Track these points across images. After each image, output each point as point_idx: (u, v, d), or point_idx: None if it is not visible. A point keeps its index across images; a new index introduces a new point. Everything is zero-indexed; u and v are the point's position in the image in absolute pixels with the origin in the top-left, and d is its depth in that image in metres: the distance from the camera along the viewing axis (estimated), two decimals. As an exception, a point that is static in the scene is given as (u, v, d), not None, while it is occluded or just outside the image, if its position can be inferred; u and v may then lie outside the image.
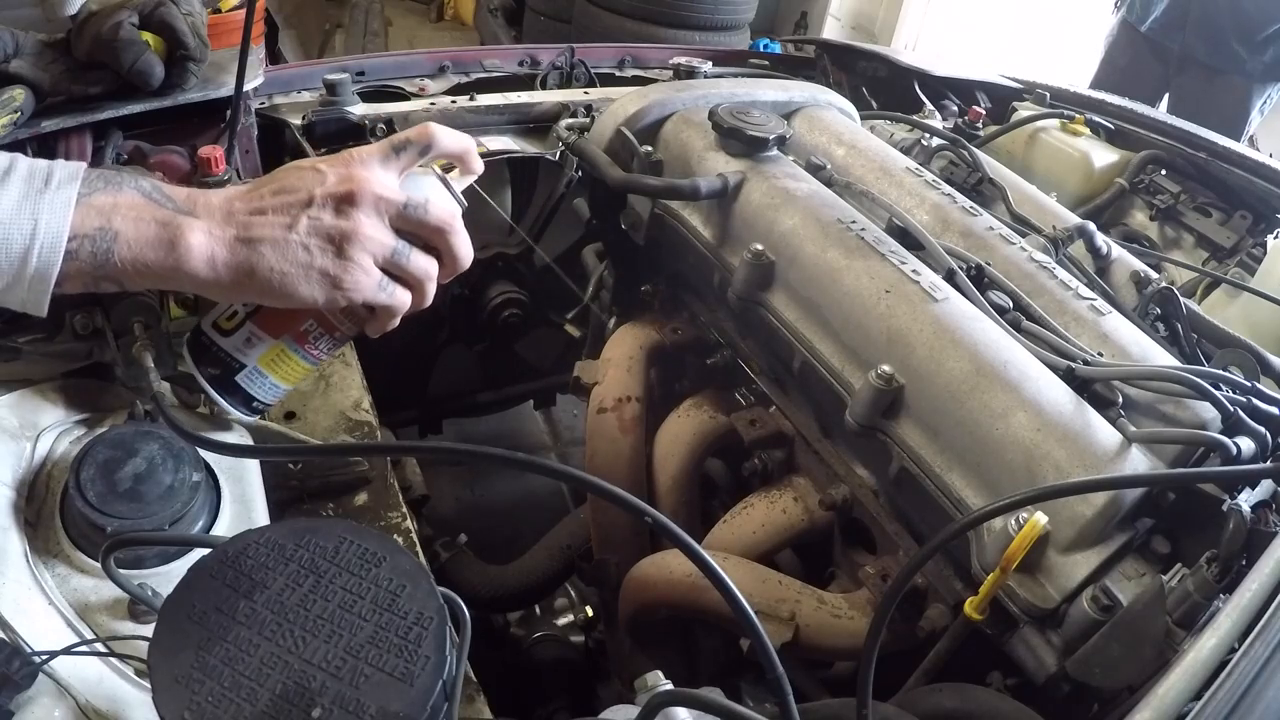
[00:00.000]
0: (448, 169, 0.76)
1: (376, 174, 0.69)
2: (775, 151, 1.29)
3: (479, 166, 0.77)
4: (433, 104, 1.70)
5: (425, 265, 0.72)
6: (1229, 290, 1.49)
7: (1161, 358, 1.06)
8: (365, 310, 0.74)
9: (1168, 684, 0.68)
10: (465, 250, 0.74)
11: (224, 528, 0.80)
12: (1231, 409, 0.90)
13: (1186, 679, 0.68)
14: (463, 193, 0.76)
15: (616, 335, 1.45)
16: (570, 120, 1.61)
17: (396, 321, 0.74)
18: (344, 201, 0.68)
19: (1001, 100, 2.00)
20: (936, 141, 1.63)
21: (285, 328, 0.73)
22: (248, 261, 0.66)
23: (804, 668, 1.19)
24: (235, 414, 0.75)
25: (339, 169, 0.69)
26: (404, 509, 1.01)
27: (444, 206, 0.72)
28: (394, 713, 0.54)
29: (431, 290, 0.74)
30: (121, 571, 0.69)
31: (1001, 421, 0.93)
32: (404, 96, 1.75)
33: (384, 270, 0.70)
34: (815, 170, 1.31)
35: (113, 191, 0.64)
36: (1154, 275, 1.27)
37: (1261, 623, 0.71)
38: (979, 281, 1.12)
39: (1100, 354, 1.03)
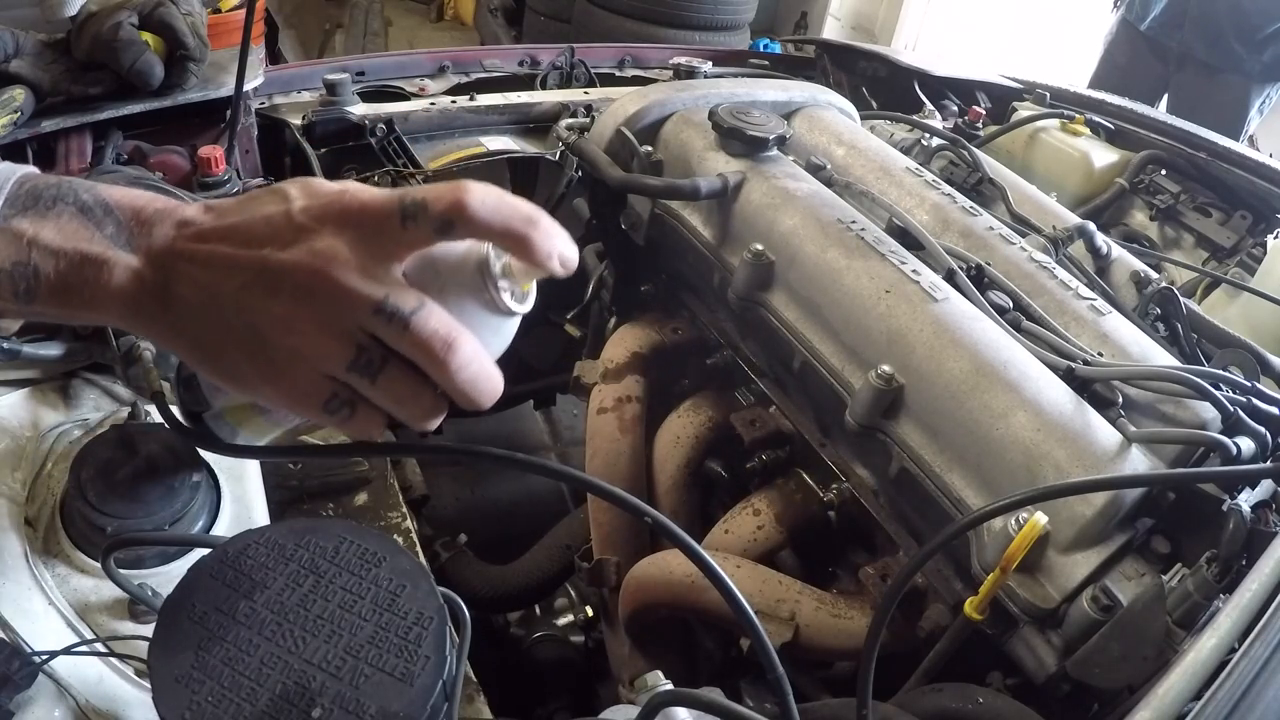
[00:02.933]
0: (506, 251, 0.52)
1: (356, 252, 0.48)
2: (775, 151, 1.29)
3: (553, 265, 0.51)
4: (433, 104, 1.70)
5: (398, 390, 0.50)
6: (1229, 290, 1.50)
7: (1161, 358, 1.06)
8: None
9: (1168, 684, 0.68)
10: (472, 388, 0.50)
11: (224, 528, 0.80)
12: (1231, 409, 0.90)
13: (1186, 679, 0.68)
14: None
15: (616, 335, 1.45)
16: (570, 120, 1.61)
17: (381, 432, 0.54)
18: (291, 283, 0.48)
19: (1001, 100, 2.00)
20: (936, 141, 1.63)
21: None
22: (166, 321, 0.51)
23: (804, 668, 1.19)
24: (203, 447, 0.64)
25: (312, 225, 0.49)
26: (404, 509, 1.01)
27: (439, 322, 0.48)
28: (394, 713, 0.54)
29: (423, 414, 0.52)
30: (121, 571, 0.69)
31: (1001, 421, 0.93)
32: (404, 96, 1.75)
33: (342, 381, 0.50)
34: (815, 170, 1.31)
35: (39, 214, 0.51)
36: (1154, 275, 1.27)
37: (1261, 623, 0.71)
38: (979, 281, 1.12)
39: (1100, 354, 1.03)
